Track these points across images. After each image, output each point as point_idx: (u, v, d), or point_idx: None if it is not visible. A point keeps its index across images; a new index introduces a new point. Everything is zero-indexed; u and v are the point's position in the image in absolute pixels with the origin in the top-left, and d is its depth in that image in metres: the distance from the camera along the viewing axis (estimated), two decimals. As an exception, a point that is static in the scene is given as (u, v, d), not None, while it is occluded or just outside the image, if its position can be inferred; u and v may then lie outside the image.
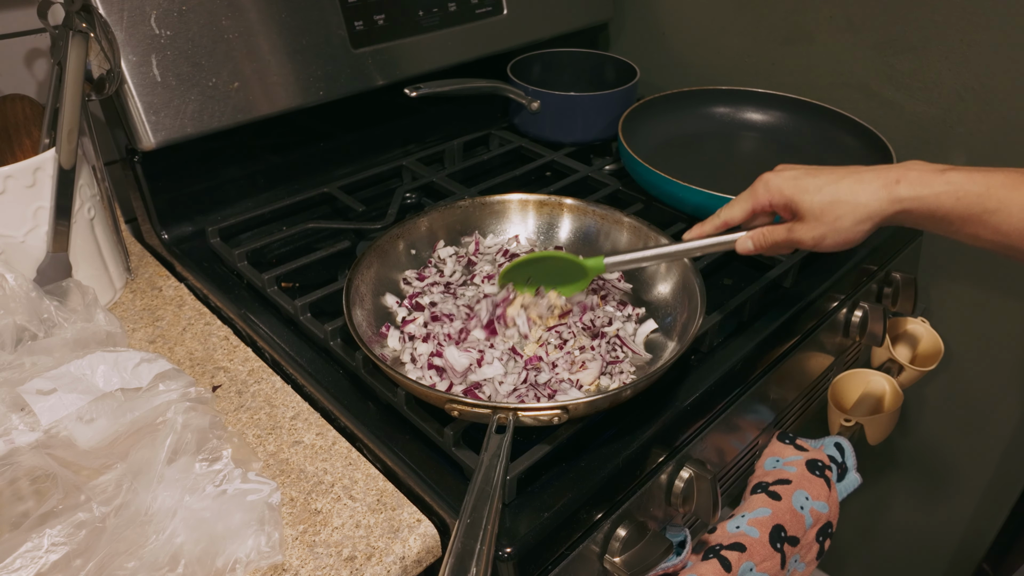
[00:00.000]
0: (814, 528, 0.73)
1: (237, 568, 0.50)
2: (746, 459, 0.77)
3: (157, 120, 0.74)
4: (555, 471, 0.57)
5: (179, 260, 0.81)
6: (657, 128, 0.98)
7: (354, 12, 0.86)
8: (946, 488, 1.13)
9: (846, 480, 0.77)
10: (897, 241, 0.91)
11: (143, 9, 0.72)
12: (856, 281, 0.85)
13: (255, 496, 0.53)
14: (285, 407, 0.65)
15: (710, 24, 1.08)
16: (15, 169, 0.65)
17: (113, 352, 0.59)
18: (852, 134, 0.93)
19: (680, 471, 0.64)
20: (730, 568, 0.65)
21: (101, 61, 0.71)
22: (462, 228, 0.78)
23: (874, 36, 0.93)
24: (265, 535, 0.51)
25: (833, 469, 0.76)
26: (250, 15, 0.78)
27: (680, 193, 0.81)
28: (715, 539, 0.68)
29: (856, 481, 0.77)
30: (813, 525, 0.72)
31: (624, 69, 1.07)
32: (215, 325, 0.74)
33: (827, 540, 0.75)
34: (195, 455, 0.54)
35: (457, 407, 0.54)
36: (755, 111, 1.01)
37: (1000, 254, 0.53)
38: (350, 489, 0.57)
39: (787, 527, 0.70)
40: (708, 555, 0.66)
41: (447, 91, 0.93)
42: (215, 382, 0.67)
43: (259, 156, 0.89)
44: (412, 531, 0.54)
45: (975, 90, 0.87)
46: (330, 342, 0.67)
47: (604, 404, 0.57)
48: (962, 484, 1.11)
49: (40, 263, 0.69)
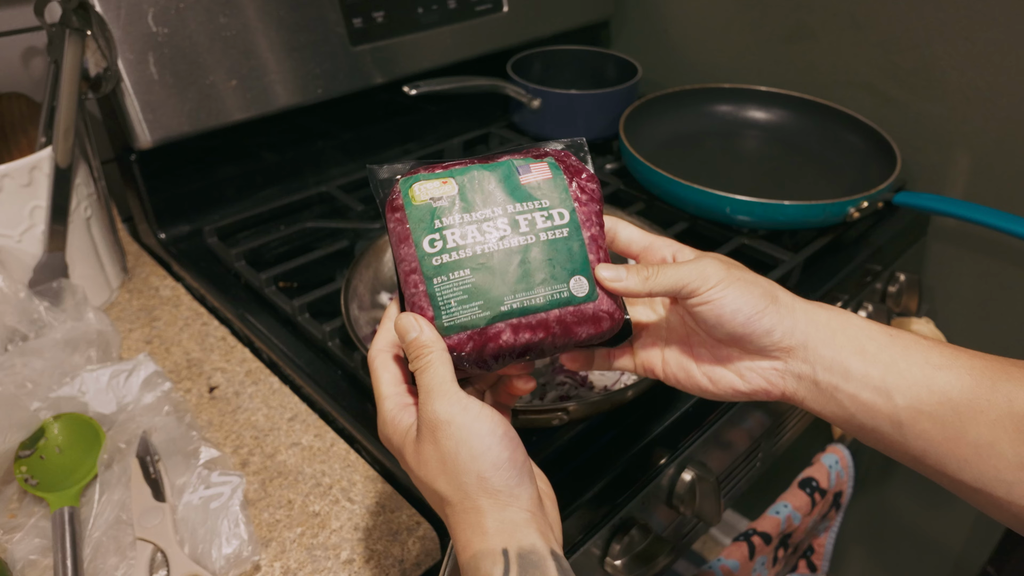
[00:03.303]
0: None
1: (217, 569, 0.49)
2: (749, 460, 0.76)
3: (154, 118, 0.73)
4: (556, 473, 0.57)
5: (176, 260, 0.80)
6: (659, 127, 0.97)
7: (353, 9, 0.85)
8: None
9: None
10: (901, 241, 0.90)
11: (140, 7, 0.71)
12: (860, 281, 0.84)
13: (221, 497, 0.52)
14: (283, 408, 0.64)
15: (712, 22, 1.08)
16: (11, 168, 0.64)
17: (94, 372, 0.59)
18: (856, 132, 0.92)
19: (682, 473, 0.63)
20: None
21: (98, 59, 0.70)
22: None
23: (878, 34, 0.92)
24: (236, 535, 0.51)
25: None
26: (248, 12, 0.77)
27: (682, 192, 0.80)
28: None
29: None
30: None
31: (625, 67, 1.06)
32: (212, 325, 0.73)
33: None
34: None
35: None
36: (758, 109, 1.01)
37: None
38: (348, 491, 0.57)
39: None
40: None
41: (447, 89, 0.92)
42: (212, 383, 0.66)
43: (257, 155, 0.88)
44: (411, 534, 0.54)
45: (980, 88, 0.86)
46: (328, 342, 0.66)
47: (605, 406, 0.56)
48: (966, 485, 1.10)
49: (36, 262, 0.68)
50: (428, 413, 0.39)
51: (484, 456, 0.38)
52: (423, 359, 0.40)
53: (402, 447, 0.41)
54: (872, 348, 0.40)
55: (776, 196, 0.76)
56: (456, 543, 0.39)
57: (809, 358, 0.41)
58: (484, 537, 0.37)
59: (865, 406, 0.39)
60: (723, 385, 0.44)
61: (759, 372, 0.43)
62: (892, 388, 0.39)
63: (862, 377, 0.39)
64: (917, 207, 0.81)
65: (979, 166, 0.89)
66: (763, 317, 0.41)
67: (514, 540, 0.37)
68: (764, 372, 0.42)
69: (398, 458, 0.42)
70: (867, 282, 0.86)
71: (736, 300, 0.41)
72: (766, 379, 0.42)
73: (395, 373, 0.43)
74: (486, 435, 0.38)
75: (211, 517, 0.51)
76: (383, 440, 0.43)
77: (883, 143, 0.88)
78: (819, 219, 0.78)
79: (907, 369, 0.39)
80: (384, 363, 0.43)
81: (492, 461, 0.38)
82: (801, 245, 0.81)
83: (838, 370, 0.40)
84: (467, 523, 0.38)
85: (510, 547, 0.37)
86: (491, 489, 0.38)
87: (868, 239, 0.85)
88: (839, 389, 0.40)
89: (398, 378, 0.43)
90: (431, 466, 0.39)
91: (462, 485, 0.38)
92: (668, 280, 0.42)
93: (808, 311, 0.42)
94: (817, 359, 0.40)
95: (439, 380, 0.39)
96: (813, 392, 0.41)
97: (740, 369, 0.43)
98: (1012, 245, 0.90)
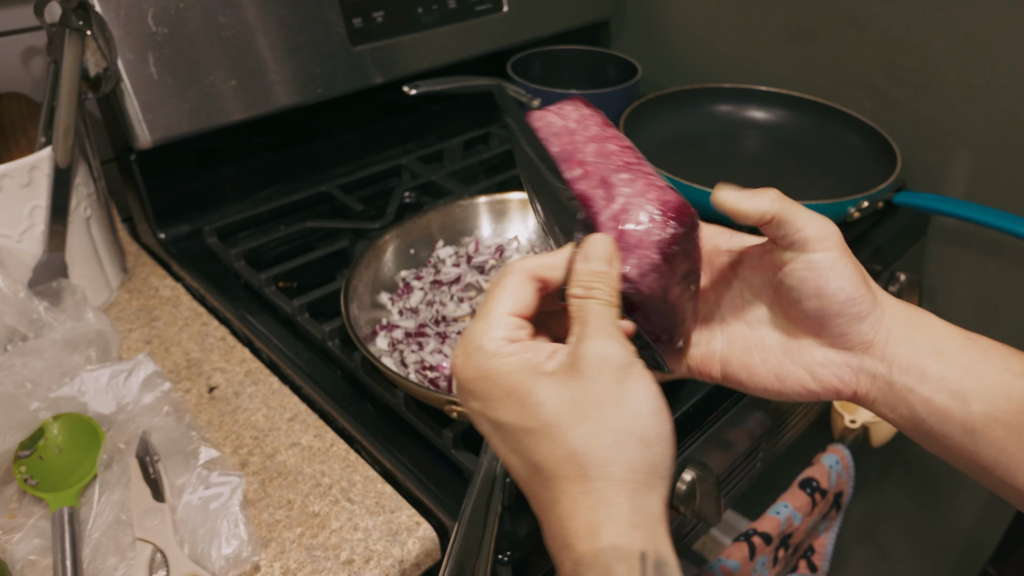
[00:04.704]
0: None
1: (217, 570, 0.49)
2: (749, 460, 0.76)
3: (154, 118, 0.73)
4: (556, 473, 0.57)
5: (176, 259, 0.80)
6: (659, 126, 0.97)
7: (353, 9, 0.85)
8: (950, 490, 1.12)
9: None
10: (902, 241, 0.90)
11: (140, 7, 0.71)
12: (860, 281, 0.84)
13: (220, 497, 0.52)
14: (283, 408, 0.64)
15: (712, 22, 1.07)
16: (11, 168, 0.64)
17: (93, 372, 0.59)
18: (856, 132, 0.92)
19: (682, 473, 0.63)
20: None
21: (98, 59, 0.70)
22: (462, 228, 0.77)
23: (878, 33, 0.92)
24: (236, 536, 0.51)
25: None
26: (248, 12, 0.77)
27: (683, 192, 0.80)
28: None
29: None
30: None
31: (625, 67, 1.06)
32: (212, 325, 0.73)
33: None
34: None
35: (456, 408, 0.53)
36: (758, 109, 1.01)
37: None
38: (348, 491, 0.57)
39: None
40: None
41: (446, 89, 0.92)
42: (212, 383, 0.66)
43: (257, 155, 0.88)
44: (411, 534, 0.54)
45: (981, 88, 0.86)
46: (328, 342, 0.66)
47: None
48: (966, 486, 1.10)
49: (36, 262, 0.68)
50: (598, 350, 0.33)
51: (652, 419, 0.32)
52: (599, 290, 0.34)
53: (518, 374, 0.33)
54: (950, 350, 0.38)
55: (776, 196, 0.76)
56: (564, 518, 0.31)
57: (887, 355, 0.38)
58: (622, 527, 0.30)
59: (938, 411, 0.37)
60: (791, 382, 0.40)
61: (832, 368, 0.39)
62: (969, 393, 0.37)
63: (938, 379, 0.37)
64: (917, 207, 0.81)
65: (980, 166, 0.89)
66: (863, 302, 0.38)
67: (651, 542, 0.30)
68: (837, 369, 0.39)
69: (486, 384, 0.34)
70: (867, 282, 0.86)
71: (844, 276, 0.38)
72: (838, 377, 0.39)
73: (525, 302, 0.36)
74: (653, 397, 0.33)
75: (211, 517, 0.51)
76: (471, 359, 0.35)
77: (883, 143, 0.88)
78: (819, 219, 0.78)
79: (985, 374, 0.37)
80: (520, 284, 0.36)
81: (657, 430, 0.32)
82: (801, 245, 0.80)
83: (914, 371, 0.38)
84: (598, 497, 0.31)
85: (648, 552, 0.30)
86: (646, 461, 0.31)
87: (868, 239, 0.85)
88: (913, 391, 0.38)
89: (525, 307, 0.36)
90: (570, 409, 0.32)
91: (613, 445, 0.31)
92: (789, 213, 0.38)
93: (892, 305, 0.39)
94: (894, 357, 0.38)
95: (610, 320, 0.34)
96: (886, 393, 0.39)
97: (811, 366, 0.40)
98: (1013, 245, 0.90)
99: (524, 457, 0.33)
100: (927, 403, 0.37)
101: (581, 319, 0.34)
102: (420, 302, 0.69)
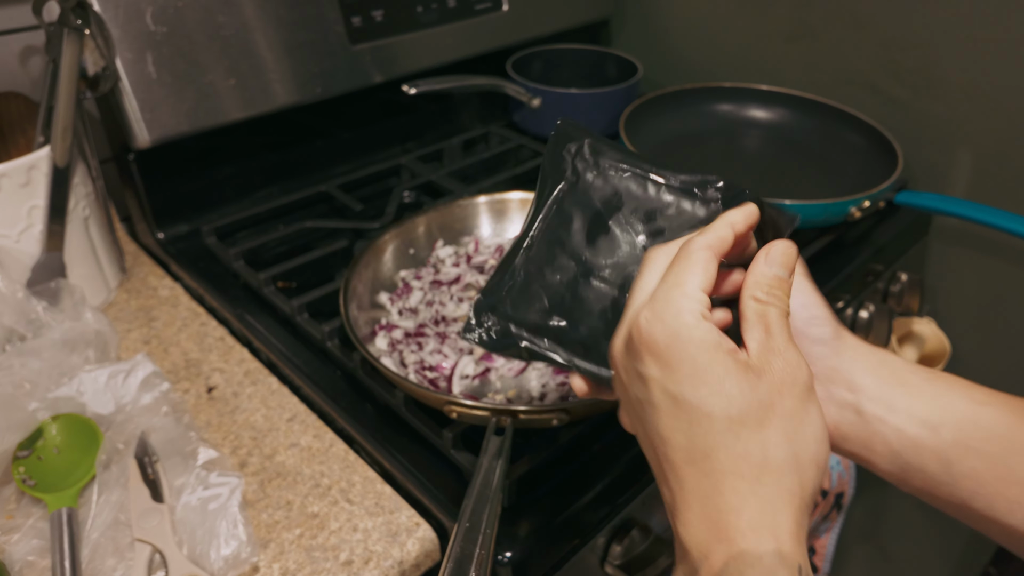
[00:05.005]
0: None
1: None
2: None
3: (152, 118, 0.73)
4: (556, 474, 0.57)
5: (174, 259, 0.80)
6: (659, 126, 0.97)
7: (352, 8, 0.85)
8: (951, 489, 1.12)
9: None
10: (903, 241, 0.90)
11: (139, 6, 0.71)
12: (861, 281, 0.84)
13: (219, 498, 0.52)
14: (282, 409, 0.64)
15: (713, 20, 1.07)
16: (9, 168, 0.64)
17: (92, 372, 0.59)
18: (857, 132, 0.92)
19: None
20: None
21: (96, 58, 0.70)
22: (461, 227, 0.77)
23: (880, 33, 0.92)
24: (235, 536, 0.50)
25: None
26: (246, 11, 0.77)
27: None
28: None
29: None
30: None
31: (626, 66, 1.06)
32: (211, 325, 0.73)
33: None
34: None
35: (456, 409, 0.53)
36: (759, 109, 1.00)
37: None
38: (347, 492, 0.56)
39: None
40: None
41: (446, 88, 0.92)
42: (211, 383, 0.66)
43: (255, 154, 0.88)
44: (410, 535, 0.53)
45: (982, 88, 0.86)
46: (327, 343, 0.66)
47: (605, 406, 0.56)
48: (968, 485, 1.09)
49: (34, 262, 0.68)
50: (792, 364, 0.33)
51: (823, 446, 0.33)
52: (780, 299, 0.34)
53: (715, 355, 0.32)
54: (915, 381, 0.38)
55: (777, 195, 0.76)
56: (728, 512, 0.31)
57: (854, 385, 0.38)
58: (786, 536, 0.30)
59: (912, 441, 0.37)
60: None
61: None
62: (938, 422, 0.37)
63: (907, 408, 0.37)
64: (919, 207, 0.81)
65: (981, 165, 0.89)
66: (825, 324, 0.39)
67: (805, 559, 0.31)
68: None
69: (678, 354, 0.33)
70: (869, 282, 0.86)
71: (805, 295, 0.39)
72: None
73: (712, 281, 0.35)
74: (825, 426, 0.34)
75: (209, 518, 0.51)
76: (665, 323, 0.33)
77: (885, 142, 0.88)
78: (820, 219, 0.78)
79: (951, 403, 0.37)
80: (710, 261, 0.35)
81: (825, 457, 0.33)
82: (802, 245, 0.80)
83: (883, 401, 0.38)
84: (768, 503, 0.31)
85: (804, 567, 0.30)
86: (813, 483, 0.32)
87: (870, 239, 0.85)
88: (884, 421, 0.38)
89: (711, 286, 0.35)
90: (758, 412, 0.32)
91: (792, 460, 0.31)
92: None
93: (853, 340, 0.40)
94: (861, 387, 0.38)
95: (790, 333, 0.34)
96: (856, 426, 0.38)
97: None
98: (1014, 245, 0.90)
99: (693, 441, 0.32)
100: (899, 433, 0.38)
101: (766, 326, 0.34)
102: (419, 302, 0.69)
